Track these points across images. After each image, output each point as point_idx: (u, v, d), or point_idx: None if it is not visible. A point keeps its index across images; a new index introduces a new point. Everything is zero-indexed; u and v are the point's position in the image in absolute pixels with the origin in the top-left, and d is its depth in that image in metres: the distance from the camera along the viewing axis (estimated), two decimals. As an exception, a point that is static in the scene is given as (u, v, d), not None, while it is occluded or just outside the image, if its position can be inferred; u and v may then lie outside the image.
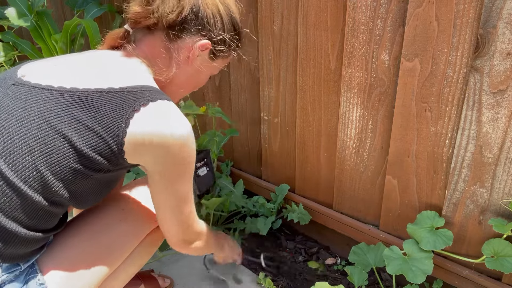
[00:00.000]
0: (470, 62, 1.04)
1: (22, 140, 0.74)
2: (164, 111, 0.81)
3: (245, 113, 1.69)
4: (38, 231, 0.80)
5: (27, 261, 0.82)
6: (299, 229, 1.71)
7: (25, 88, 0.78)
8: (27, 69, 0.84)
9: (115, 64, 0.87)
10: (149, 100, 0.79)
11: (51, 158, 0.75)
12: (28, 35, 2.73)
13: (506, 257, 1.08)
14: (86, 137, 0.75)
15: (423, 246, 1.17)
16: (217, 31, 0.92)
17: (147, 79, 0.86)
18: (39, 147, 0.74)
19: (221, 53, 0.96)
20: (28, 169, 0.74)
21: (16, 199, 0.74)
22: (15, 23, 1.75)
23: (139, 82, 0.82)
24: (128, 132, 0.77)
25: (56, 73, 0.81)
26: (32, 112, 0.75)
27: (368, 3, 1.17)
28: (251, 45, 1.55)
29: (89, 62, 0.87)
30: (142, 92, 0.80)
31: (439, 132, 1.15)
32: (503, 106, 1.01)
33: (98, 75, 0.81)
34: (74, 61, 0.86)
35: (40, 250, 0.85)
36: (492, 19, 0.97)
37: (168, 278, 1.43)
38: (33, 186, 0.75)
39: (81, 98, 0.76)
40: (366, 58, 1.23)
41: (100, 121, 0.76)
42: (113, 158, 0.78)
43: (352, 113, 1.32)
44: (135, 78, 0.83)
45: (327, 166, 1.48)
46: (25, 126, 0.75)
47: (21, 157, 0.74)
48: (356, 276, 1.30)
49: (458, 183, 1.15)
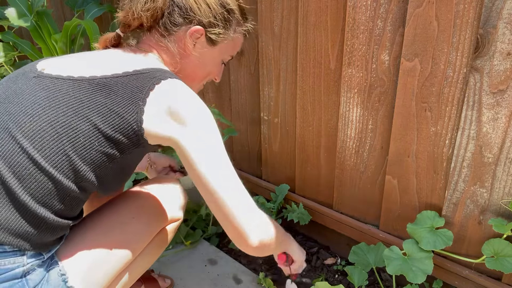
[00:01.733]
0: (470, 62, 1.04)
1: (50, 127, 0.78)
2: (175, 86, 0.85)
3: (245, 113, 1.69)
4: (64, 218, 0.83)
5: (48, 251, 0.84)
6: (299, 229, 1.71)
7: (47, 80, 0.83)
8: (45, 64, 0.88)
9: (127, 56, 0.92)
10: (160, 79, 0.84)
11: (78, 142, 0.78)
12: (28, 35, 2.73)
13: (506, 257, 1.08)
14: (108, 119, 0.80)
15: (423, 246, 1.17)
16: (204, 15, 0.93)
17: (158, 64, 0.91)
18: (66, 132, 0.78)
19: (219, 36, 0.96)
20: (57, 155, 0.78)
21: (47, 185, 0.78)
22: (15, 23, 1.75)
23: (151, 65, 0.87)
24: (146, 110, 0.81)
25: (74, 66, 0.86)
26: (57, 100, 0.79)
27: (368, 3, 1.17)
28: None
29: (102, 56, 0.91)
30: (154, 73, 0.85)
31: (439, 132, 1.15)
32: (503, 106, 1.02)
33: (113, 64, 0.86)
34: (87, 56, 0.91)
35: (59, 241, 0.88)
36: (492, 19, 0.97)
37: (168, 278, 1.43)
38: (63, 171, 0.78)
39: (101, 84, 0.81)
40: (366, 58, 1.23)
41: (119, 102, 0.80)
42: (134, 137, 0.82)
43: (352, 113, 1.32)
44: (146, 63, 0.88)
45: (327, 166, 1.48)
46: (51, 113, 0.78)
47: (51, 143, 0.77)
48: (356, 276, 1.30)
49: (458, 183, 1.15)
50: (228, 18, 0.96)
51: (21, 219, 0.77)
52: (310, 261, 1.57)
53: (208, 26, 0.94)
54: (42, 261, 0.83)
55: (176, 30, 0.93)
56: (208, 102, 1.83)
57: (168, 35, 0.93)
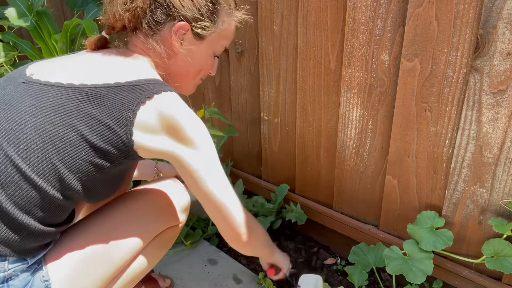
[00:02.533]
0: (470, 62, 1.04)
1: (36, 135, 0.77)
2: (167, 101, 0.84)
3: (245, 113, 1.69)
4: (48, 225, 0.82)
5: (33, 256, 0.83)
6: (299, 229, 1.71)
7: (35, 86, 0.81)
8: (34, 68, 0.86)
9: (117, 61, 0.90)
10: (153, 93, 0.82)
11: (64, 151, 0.78)
12: (28, 35, 2.73)
13: (506, 257, 1.08)
14: (97, 129, 0.79)
15: (423, 246, 1.17)
16: (187, 9, 0.89)
17: (150, 73, 0.88)
18: (52, 141, 0.77)
19: (206, 30, 0.93)
20: (42, 163, 0.77)
21: (31, 193, 0.77)
22: (15, 23, 1.75)
23: (144, 76, 0.85)
24: (136, 122, 0.80)
25: (64, 71, 0.84)
26: (44, 108, 0.78)
27: (368, 3, 1.17)
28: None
29: (92, 60, 0.90)
30: (147, 86, 0.83)
31: (439, 132, 1.15)
32: (503, 106, 1.01)
33: (105, 71, 0.85)
34: (79, 60, 0.89)
35: (46, 247, 0.86)
36: (492, 19, 0.97)
37: (168, 278, 1.43)
38: (48, 180, 0.77)
39: (90, 94, 0.80)
40: (366, 58, 1.23)
41: (109, 113, 0.79)
42: (124, 148, 0.82)
43: (352, 113, 1.32)
44: (139, 72, 0.86)
45: (327, 166, 1.48)
46: (38, 121, 0.77)
47: (36, 152, 0.76)
48: (356, 276, 1.30)
49: (458, 183, 1.15)
50: (214, 10, 0.92)
51: (2, 226, 0.76)
52: (310, 261, 1.57)
53: (193, 21, 0.90)
54: (27, 266, 0.81)
55: (160, 28, 0.90)
56: (208, 102, 1.83)
57: (153, 34, 0.91)
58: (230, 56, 1.64)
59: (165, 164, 1.36)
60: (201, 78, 1.05)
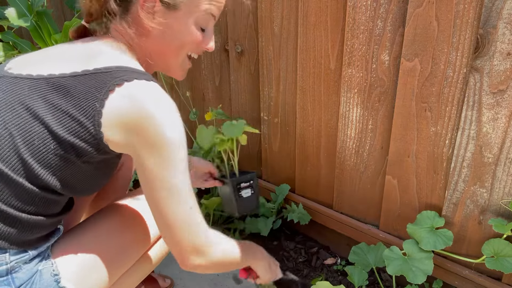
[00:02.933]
0: (470, 62, 1.04)
1: (4, 129, 0.76)
2: (139, 90, 0.76)
3: (245, 113, 1.69)
4: (41, 216, 0.80)
5: (34, 248, 0.83)
6: (299, 229, 1.71)
7: (7, 80, 0.80)
8: (13, 62, 0.85)
9: (93, 49, 0.84)
10: (124, 80, 0.76)
11: (33, 145, 0.75)
12: (28, 35, 2.73)
13: (506, 257, 1.08)
14: (63, 121, 0.75)
15: (423, 246, 1.17)
16: None
17: (124, 59, 0.82)
18: (20, 134, 0.75)
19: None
20: (13, 158, 0.75)
21: (10, 187, 0.76)
22: (15, 23, 1.75)
23: (116, 62, 0.80)
24: (104, 112, 0.75)
25: (37, 63, 0.81)
26: (12, 101, 0.77)
27: (368, 3, 1.17)
28: None
29: (68, 49, 0.85)
30: (117, 72, 0.77)
31: (439, 132, 1.15)
32: (503, 106, 1.01)
33: (75, 60, 0.80)
34: (55, 51, 0.85)
35: (48, 238, 0.86)
36: (492, 19, 0.97)
37: (168, 278, 1.43)
38: (20, 174, 0.76)
39: (57, 84, 0.76)
40: (366, 58, 1.23)
41: (76, 104, 0.75)
42: (93, 142, 0.77)
43: (352, 113, 1.32)
44: (112, 58, 0.81)
45: (327, 166, 1.48)
46: (6, 115, 0.76)
47: (5, 146, 0.75)
48: (356, 276, 1.30)
49: (458, 183, 1.15)
50: None
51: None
52: (310, 261, 1.57)
53: None
54: (30, 258, 0.82)
55: (129, 6, 0.83)
56: (208, 102, 1.83)
57: (124, 15, 0.84)
58: (230, 56, 1.64)
59: (198, 159, 1.28)
60: (189, 56, 0.94)
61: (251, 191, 1.28)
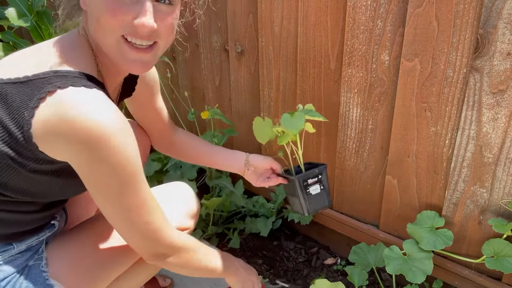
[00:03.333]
0: (470, 62, 1.04)
1: None
2: (73, 99, 0.69)
3: (245, 113, 1.69)
4: (17, 212, 0.79)
5: (20, 241, 0.82)
6: (299, 229, 1.71)
7: None
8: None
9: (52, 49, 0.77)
10: (57, 86, 0.69)
11: None
12: (28, 35, 2.72)
13: (506, 257, 1.08)
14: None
15: (423, 246, 1.17)
16: None
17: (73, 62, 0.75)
18: None
19: None
20: None
21: None
22: (15, 23, 1.75)
23: (59, 67, 0.73)
24: (33, 122, 0.69)
25: (4, 65, 0.76)
26: None
27: (368, 3, 1.17)
28: None
29: (34, 50, 0.79)
30: (53, 78, 0.70)
31: (439, 132, 1.15)
32: (503, 106, 1.02)
33: (28, 63, 0.75)
34: (26, 51, 0.80)
35: (36, 232, 0.85)
36: (492, 19, 0.97)
37: (169, 277, 1.43)
38: None
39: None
40: (366, 58, 1.23)
41: (9, 112, 0.70)
42: (27, 152, 0.72)
43: (352, 113, 1.32)
44: (56, 62, 0.74)
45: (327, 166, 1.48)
46: None
47: None
48: (356, 276, 1.30)
49: (458, 183, 1.15)
50: None
51: None
52: (310, 261, 1.57)
53: None
54: (17, 252, 0.81)
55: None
56: (208, 102, 1.83)
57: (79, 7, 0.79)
58: (230, 56, 1.64)
59: (256, 156, 1.18)
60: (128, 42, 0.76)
61: (320, 187, 1.13)
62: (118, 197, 0.75)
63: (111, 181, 0.73)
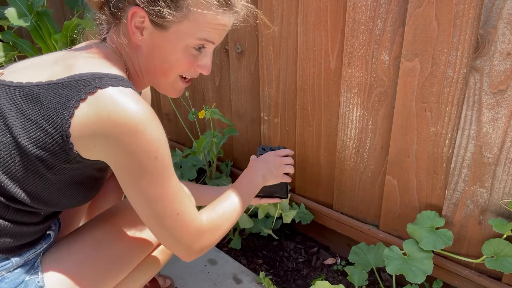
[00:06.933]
0: (470, 62, 1.04)
1: None
2: (112, 98, 0.72)
3: (245, 113, 1.69)
4: (20, 224, 0.78)
5: (18, 255, 0.80)
6: (299, 229, 1.71)
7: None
8: (10, 68, 0.83)
9: (78, 56, 0.81)
10: (97, 87, 0.72)
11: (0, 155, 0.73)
12: (28, 35, 2.73)
13: (506, 257, 1.08)
14: (30, 131, 0.72)
15: (423, 246, 1.17)
16: None
17: (106, 67, 0.78)
18: None
19: (166, 18, 0.78)
20: None
21: None
22: (15, 23, 1.75)
23: (94, 70, 0.76)
24: (73, 122, 0.71)
25: (25, 70, 0.79)
26: None
27: (368, 3, 1.17)
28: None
29: (59, 57, 0.82)
30: (92, 80, 0.73)
31: (439, 132, 1.15)
32: (503, 106, 1.02)
33: (57, 68, 0.77)
34: (48, 58, 0.83)
35: (34, 245, 0.84)
36: (492, 19, 0.97)
37: (169, 278, 1.43)
38: None
39: (30, 93, 0.74)
40: (366, 58, 1.23)
41: (44, 113, 0.72)
42: (61, 153, 0.73)
43: (352, 113, 1.32)
44: (91, 66, 0.77)
45: (327, 166, 1.48)
46: None
47: None
48: (356, 276, 1.30)
49: (458, 183, 1.15)
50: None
51: None
52: (310, 261, 1.57)
53: (149, 5, 0.77)
54: (15, 267, 0.79)
55: (122, 15, 0.80)
56: (208, 102, 1.83)
57: (118, 23, 0.82)
58: (230, 56, 1.64)
59: None
60: (184, 78, 0.89)
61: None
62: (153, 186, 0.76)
63: (148, 168, 0.75)
